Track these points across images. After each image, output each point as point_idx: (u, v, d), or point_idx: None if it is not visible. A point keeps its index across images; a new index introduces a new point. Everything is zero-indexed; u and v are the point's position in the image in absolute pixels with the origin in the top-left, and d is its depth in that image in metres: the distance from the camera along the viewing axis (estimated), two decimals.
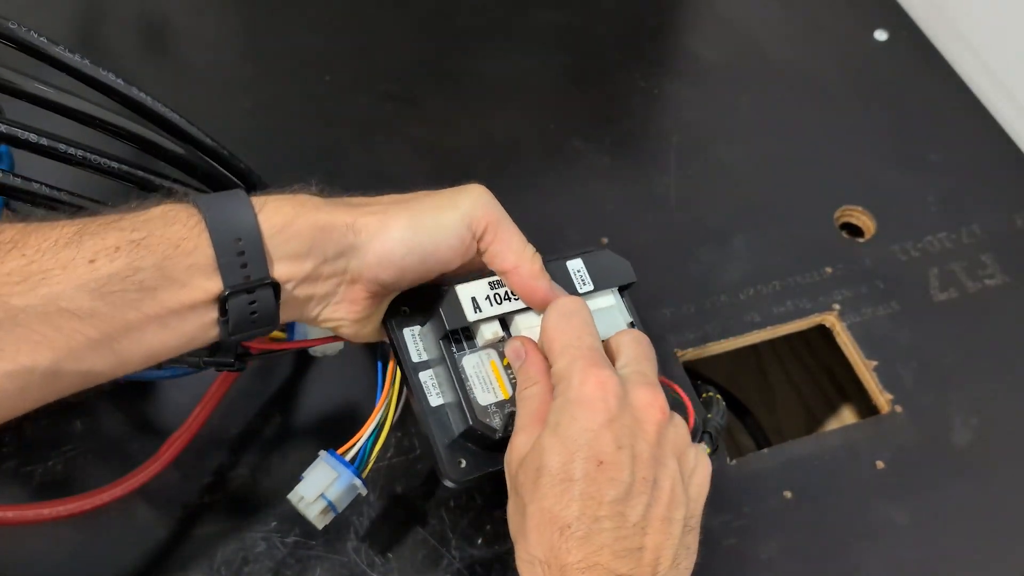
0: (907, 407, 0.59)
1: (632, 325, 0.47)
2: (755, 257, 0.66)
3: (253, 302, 0.37)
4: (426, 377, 0.44)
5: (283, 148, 0.70)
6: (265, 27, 0.79)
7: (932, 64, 0.79)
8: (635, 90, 0.76)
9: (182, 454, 0.49)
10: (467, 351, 0.44)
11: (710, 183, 0.70)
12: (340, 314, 0.42)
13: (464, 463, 0.43)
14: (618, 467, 0.36)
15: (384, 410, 0.45)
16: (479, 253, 0.43)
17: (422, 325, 0.45)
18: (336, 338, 0.48)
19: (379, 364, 0.45)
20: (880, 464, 0.57)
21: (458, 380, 0.43)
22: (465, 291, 0.44)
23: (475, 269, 0.44)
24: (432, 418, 0.44)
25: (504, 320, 0.45)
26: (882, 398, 0.60)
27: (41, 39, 0.40)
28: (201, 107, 0.59)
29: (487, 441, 0.43)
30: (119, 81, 0.42)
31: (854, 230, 0.69)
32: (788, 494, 0.55)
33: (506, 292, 0.44)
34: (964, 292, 0.65)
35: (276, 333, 0.49)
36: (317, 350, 0.50)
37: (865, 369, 0.61)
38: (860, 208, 0.69)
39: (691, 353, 0.61)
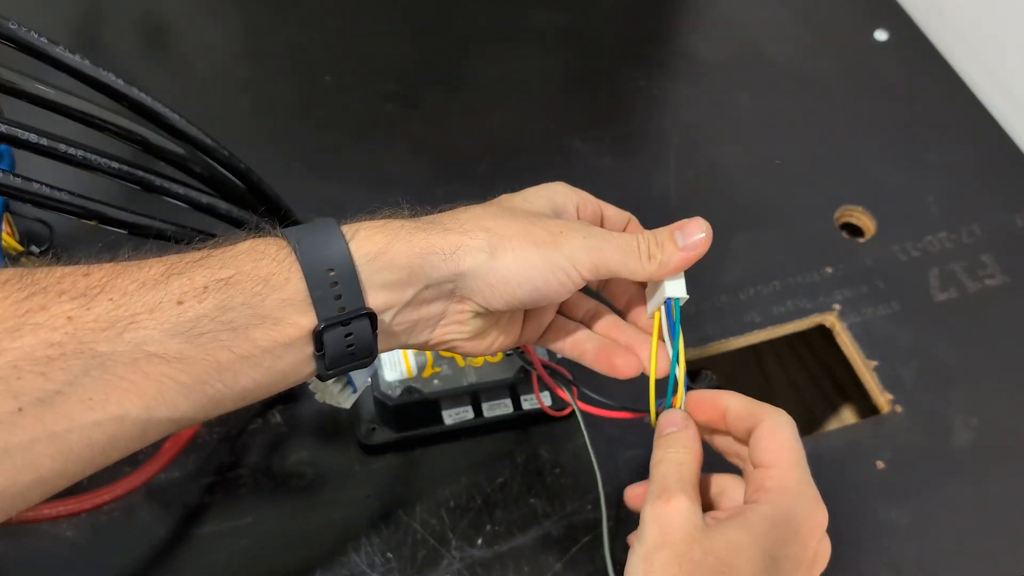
0: (907, 407, 0.59)
1: None
2: (755, 257, 0.66)
3: (349, 334, 0.36)
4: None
5: (283, 148, 0.70)
6: (265, 27, 0.79)
7: (932, 64, 0.79)
8: (635, 90, 0.76)
9: (182, 454, 0.50)
10: None
11: (710, 183, 0.70)
12: (451, 335, 0.40)
13: (375, 430, 0.54)
14: None
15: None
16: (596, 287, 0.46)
17: None
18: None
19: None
20: (880, 464, 0.57)
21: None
22: None
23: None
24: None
25: None
26: (882, 398, 0.60)
27: (41, 39, 0.40)
28: (201, 107, 0.59)
29: (389, 409, 0.52)
30: (119, 81, 0.42)
31: (854, 230, 0.69)
32: None
33: None
34: (964, 292, 0.65)
35: None
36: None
37: (865, 369, 0.61)
38: (860, 208, 0.69)
39: (691, 353, 0.61)
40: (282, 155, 0.69)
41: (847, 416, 0.78)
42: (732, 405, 0.41)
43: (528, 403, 0.55)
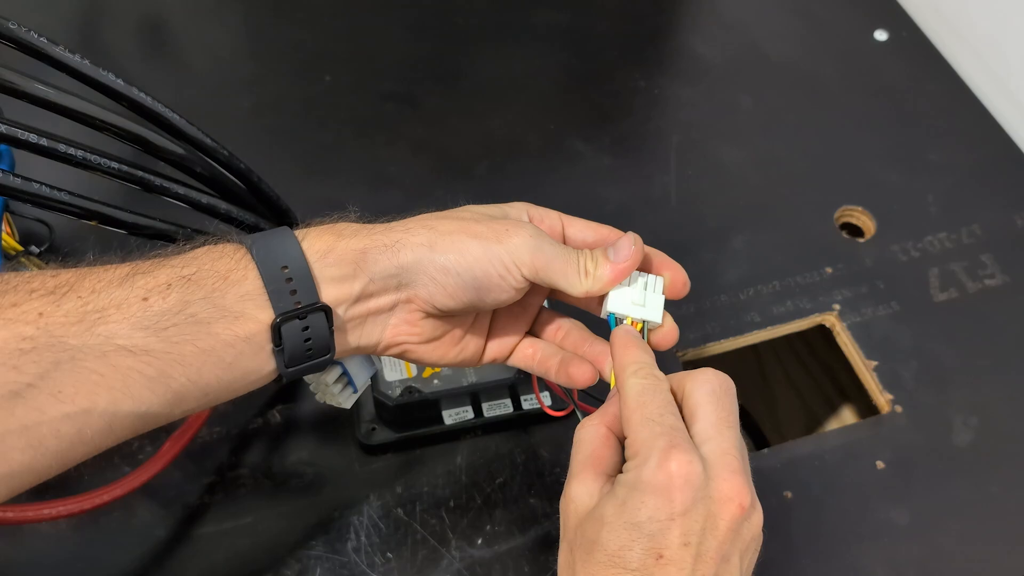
0: (907, 407, 0.59)
1: None
2: (755, 257, 0.66)
3: (306, 327, 0.37)
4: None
5: (283, 148, 0.70)
6: (265, 27, 0.79)
7: (932, 64, 0.79)
8: (635, 90, 0.76)
9: (182, 454, 0.50)
10: None
11: (710, 183, 0.70)
12: (403, 336, 0.41)
13: (375, 430, 0.54)
14: (678, 565, 0.34)
15: None
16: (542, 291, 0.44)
17: None
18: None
19: None
20: (880, 464, 0.57)
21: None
22: None
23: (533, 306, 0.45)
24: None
25: None
26: (882, 398, 0.60)
27: (41, 39, 0.40)
28: (201, 107, 0.59)
29: (389, 409, 0.53)
30: (119, 81, 0.42)
31: (854, 230, 0.69)
32: (788, 494, 0.55)
33: None
34: (964, 292, 0.65)
35: None
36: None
37: (865, 369, 0.61)
38: (860, 208, 0.69)
39: (691, 353, 0.61)
40: (282, 155, 0.69)
41: (847, 416, 0.78)
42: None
43: (528, 403, 0.55)
